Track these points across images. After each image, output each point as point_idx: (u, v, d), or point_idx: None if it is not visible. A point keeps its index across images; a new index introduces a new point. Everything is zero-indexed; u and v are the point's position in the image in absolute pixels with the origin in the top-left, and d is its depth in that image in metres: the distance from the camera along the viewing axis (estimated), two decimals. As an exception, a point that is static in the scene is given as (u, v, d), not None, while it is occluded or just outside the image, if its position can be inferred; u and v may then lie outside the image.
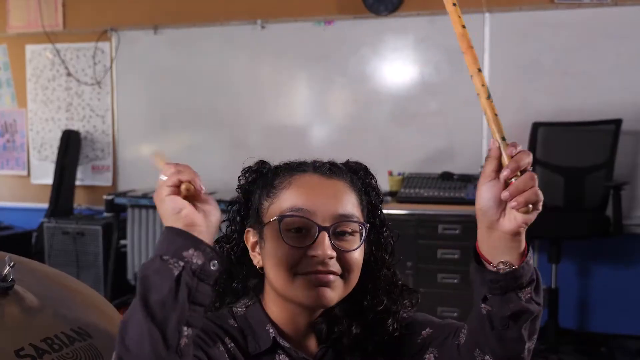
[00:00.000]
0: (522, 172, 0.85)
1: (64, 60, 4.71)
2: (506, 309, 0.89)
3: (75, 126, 4.69)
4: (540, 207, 0.84)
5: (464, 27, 0.93)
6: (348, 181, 1.05)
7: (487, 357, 0.95)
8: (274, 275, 0.99)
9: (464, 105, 3.88)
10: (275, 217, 0.97)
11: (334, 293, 0.97)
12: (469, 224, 3.34)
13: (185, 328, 0.76)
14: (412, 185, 3.68)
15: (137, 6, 4.54)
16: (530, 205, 0.84)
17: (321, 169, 1.04)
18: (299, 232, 0.97)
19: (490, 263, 0.89)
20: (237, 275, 1.05)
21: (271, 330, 1.00)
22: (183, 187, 0.79)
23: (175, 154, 4.11)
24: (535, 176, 0.84)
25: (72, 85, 4.71)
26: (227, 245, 1.05)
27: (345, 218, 0.99)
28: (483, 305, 0.91)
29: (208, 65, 4.41)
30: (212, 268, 0.78)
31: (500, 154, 0.87)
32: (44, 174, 4.73)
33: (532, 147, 3.63)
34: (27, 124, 4.83)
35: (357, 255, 1.00)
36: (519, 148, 0.86)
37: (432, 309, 3.31)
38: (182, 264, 0.76)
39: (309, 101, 4.32)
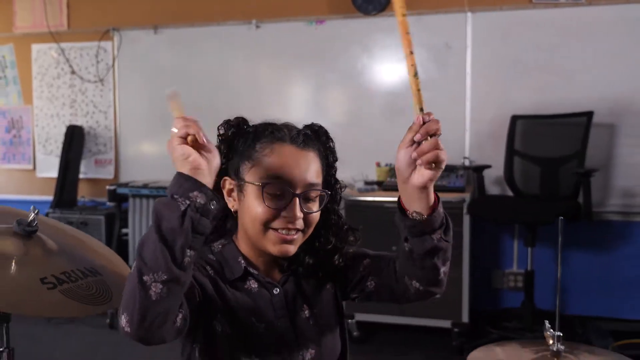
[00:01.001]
0: (432, 137, 1.07)
1: (68, 58, 4.93)
2: (422, 247, 1.16)
3: (79, 122, 4.91)
4: (443, 166, 1.10)
5: (404, 15, 1.13)
6: (316, 150, 1.26)
7: (414, 282, 1.24)
8: (250, 226, 1.20)
9: (448, 101, 4.11)
10: (259, 183, 1.18)
11: (295, 247, 1.21)
12: (452, 210, 3.54)
13: (188, 251, 0.98)
14: (398, 175, 3.88)
15: (138, 7, 4.76)
16: (434, 164, 1.06)
17: (296, 139, 1.25)
18: (276, 196, 1.19)
19: (407, 211, 1.12)
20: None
21: (243, 262, 1.23)
22: (190, 138, 1.00)
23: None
24: (439, 141, 1.07)
25: (76, 83, 4.93)
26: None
27: (312, 187, 1.21)
28: (405, 244, 1.17)
29: (206, 63, 4.63)
30: (212, 207, 1.01)
31: (420, 127, 1.09)
32: (49, 168, 4.94)
33: (510, 138, 3.85)
34: (33, 120, 5.05)
35: (317, 215, 1.23)
36: (432, 117, 1.08)
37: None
38: (188, 202, 0.98)
39: (302, 97, 4.53)
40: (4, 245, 1.20)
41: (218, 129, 1.28)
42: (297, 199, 1.18)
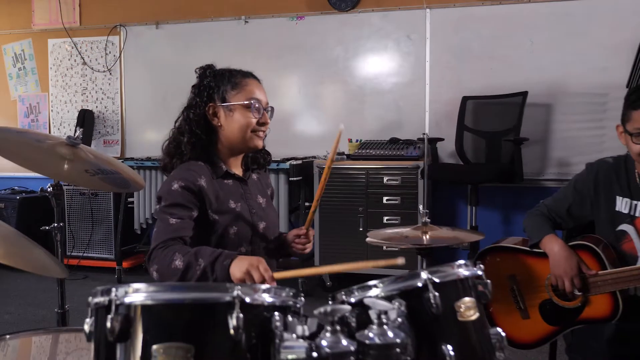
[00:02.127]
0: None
1: (80, 51, 5.59)
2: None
3: (89, 107, 5.57)
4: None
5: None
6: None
7: None
8: (238, 132, 1.81)
9: (410, 85, 4.77)
10: (246, 102, 1.80)
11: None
12: (407, 176, 4.21)
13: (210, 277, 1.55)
14: (365, 148, 4.53)
15: (141, 5, 5.42)
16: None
17: (256, 77, 1.90)
18: (257, 110, 1.83)
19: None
20: (196, 133, 1.86)
21: (223, 166, 1.86)
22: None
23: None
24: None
25: (87, 73, 5.59)
26: (192, 112, 1.87)
27: (269, 105, 1.87)
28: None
29: (201, 54, 5.19)
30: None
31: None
32: (63, 148, 5.58)
33: (461, 116, 4.49)
34: (49, 105, 5.71)
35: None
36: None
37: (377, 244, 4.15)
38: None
39: (285, 84, 5.17)
40: (60, 150, 1.84)
41: (197, 70, 1.91)
42: (267, 112, 1.85)
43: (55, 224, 2.04)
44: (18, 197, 5.27)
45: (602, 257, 1.85)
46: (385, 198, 4.26)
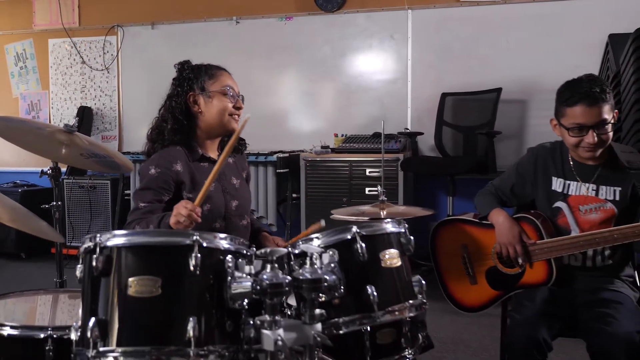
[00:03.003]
0: None
1: (79, 50, 5.84)
2: None
3: (88, 104, 5.82)
4: None
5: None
6: None
7: None
8: (218, 116, 2.06)
9: (393, 82, 5.01)
10: (221, 88, 2.06)
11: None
12: (388, 168, 4.44)
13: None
14: (349, 142, 4.77)
15: (138, 7, 5.67)
16: None
17: (227, 70, 2.14)
18: (232, 97, 2.07)
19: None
20: (178, 120, 2.10)
21: (200, 150, 2.10)
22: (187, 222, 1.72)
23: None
24: None
25: (85, 71, 5.84)
26: (174, 100, 2.11)
27: (240, 94, 2.11)
28: None
29: (195, 53, 5.32)
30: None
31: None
32: (63, 144, 5.84)
33: (440, 111, 4.73)
34: (49, 102, 5.95)
35: None
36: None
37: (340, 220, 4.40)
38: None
39: (275, 81, 5.40)
40: (58, 137, 2.08)
41: (176, 65, 2.15)
42: (240, 98, 2.10)
43: (54, 202, 2.29)
44: (20, 190, 5.51)
45: (540, 228, 2.09)
46: (367, 189, 4.50)
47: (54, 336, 1.44)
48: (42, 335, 1.45)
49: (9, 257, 5.44)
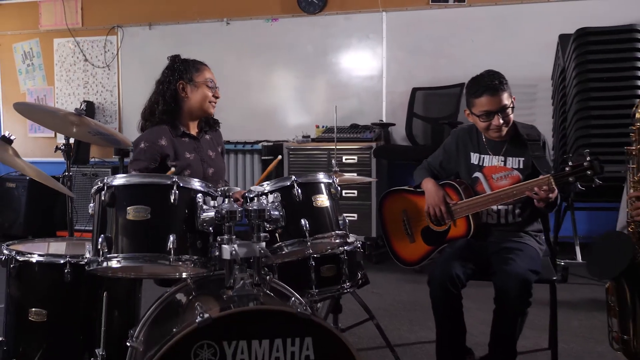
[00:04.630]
0: None
1: (82, 49, 6.32)
2: None
3: (90, 99, 6.29)
4: None
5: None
6: None
7: None
8: (201, 101, 2.54)
9: (369, 78, 5.50)
10: (205, 80, 2.53)
11: None
12: (362, 155, 4.93)
13: None
14: (328, 132, 5.25)
15: (136, 9, 6.15)
16: None
17: (206, 65, 2.62)
18: (212, 87, 2.55)
19: None
20: (168, 102, 2.58)
21: (182, 128, 2.58)
22: None
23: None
24: None
25: (88, 68, 6.32)
26: (166, 87, 2.59)
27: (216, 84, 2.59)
28: None
29: (189, 53, 5.79)
30: None
31: None
32: (67, 135, 6.32)
33: (411, 105, 5.21)
34: (54, 97, 6.43)
35: None
36: None
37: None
38: None
39: (261, 78, 5.87)
40: (70, 118, 2.55)
41: (169, 57, 2.62)
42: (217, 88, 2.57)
43: (66, 173, 2.77)
44: (28, 178, 5.99)
45: (460, 191, 2.57)
46: (344, 174, 4.97)
47: (71, 262, 1.92)
48: (61, 261, 1.93)
49: (17, 239, 5.90)
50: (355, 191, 4.96)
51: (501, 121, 2.48)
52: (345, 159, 4.99)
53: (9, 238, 3.02)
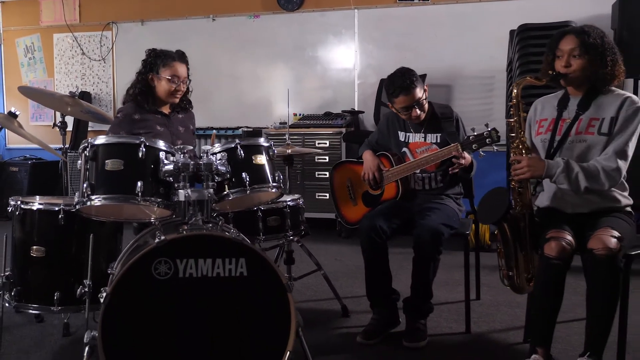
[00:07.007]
0: None
1: (80, 44, 6.82)
2: None
3: (87, 89, 6.79)
4: None
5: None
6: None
7: None
8: (163, 93, 3.03)
9: (343, 70, 5.99)
10: (169, 77, 3.01)
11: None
12: (333, 140, 5.42)
13: None
14: (304, 119, 5.75)
15: (130, 6, 6.65)
16: None
17: (182, 58, 3.11)
18: (174, 83, 3.03)
19: None
20: (141, 88, 3.07)
21: (154, 106, 3.07)
22: None
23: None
24: None
25: (85, 61, 6.82)
26: (141, 76, 3.07)
27: (187, 78, 3.08)
28: None
29: (179, 47, 6.38)
30: None
31: None
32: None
33: (379, 94, 5.70)
34: (54, 88, 6.93)
35: None
36: None
37: (312, 195, 5.39)
38: None
39: (245, 70, 6.37)
40: (65, 99, 3.05)
41: (146, 52, 3.12)
42: (183, 83, 3.06)
43: (62, 146, 3.27)
44: (30, 162, 6.50)
45: (391, 160, 3.07)
46: (317, 157, 5.48)
47: (65, 209, 2.43)
48: (56, 208, 2.44)
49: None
50: (327, 173, 5.46)
51: (418, 112, 2.99)
52: (318, 143, 5.49)
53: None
